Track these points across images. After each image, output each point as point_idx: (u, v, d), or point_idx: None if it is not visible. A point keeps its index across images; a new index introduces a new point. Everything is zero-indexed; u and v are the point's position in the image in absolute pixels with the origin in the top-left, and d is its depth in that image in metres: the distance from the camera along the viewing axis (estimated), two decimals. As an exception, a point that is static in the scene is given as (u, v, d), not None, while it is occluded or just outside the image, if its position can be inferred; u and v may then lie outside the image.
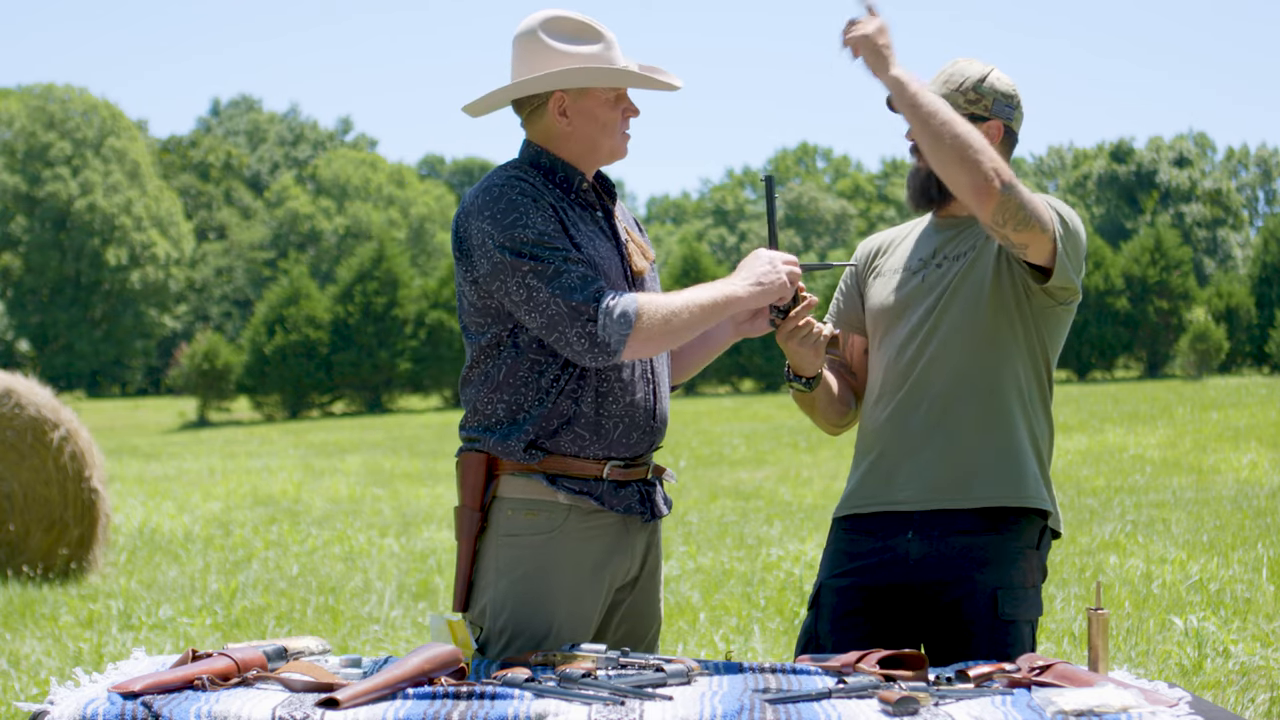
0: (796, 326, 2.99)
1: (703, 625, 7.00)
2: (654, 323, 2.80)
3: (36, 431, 9.26)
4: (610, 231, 3.02)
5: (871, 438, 3.20)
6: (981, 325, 3.08)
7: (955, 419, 3.08)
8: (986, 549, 3.05)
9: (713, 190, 79.38)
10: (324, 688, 2.47)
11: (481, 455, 2.91)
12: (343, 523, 12.41)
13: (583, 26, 2.97)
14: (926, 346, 3.11)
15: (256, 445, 24.43)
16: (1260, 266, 39.54)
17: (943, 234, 3.21)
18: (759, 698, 2.44)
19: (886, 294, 3.21)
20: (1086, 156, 70.29)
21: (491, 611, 2.89)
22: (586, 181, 3.00)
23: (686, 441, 20.41)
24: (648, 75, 2.97)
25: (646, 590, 3.07)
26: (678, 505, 12.91)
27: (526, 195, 2.86)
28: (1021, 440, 3.10)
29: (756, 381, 38.40)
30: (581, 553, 2.90)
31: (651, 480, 3.02)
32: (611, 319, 2.78)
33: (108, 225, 53.45)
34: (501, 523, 2.90)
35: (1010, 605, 3.05)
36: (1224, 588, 7.45)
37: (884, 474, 3.15)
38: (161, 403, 42.95)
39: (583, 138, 2.97)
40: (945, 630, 3.06)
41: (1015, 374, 3.10)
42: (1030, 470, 3.09)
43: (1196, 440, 16.99)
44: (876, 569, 3.12)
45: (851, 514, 3.21)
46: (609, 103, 2.97)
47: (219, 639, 7.04)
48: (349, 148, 71.76)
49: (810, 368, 3.10)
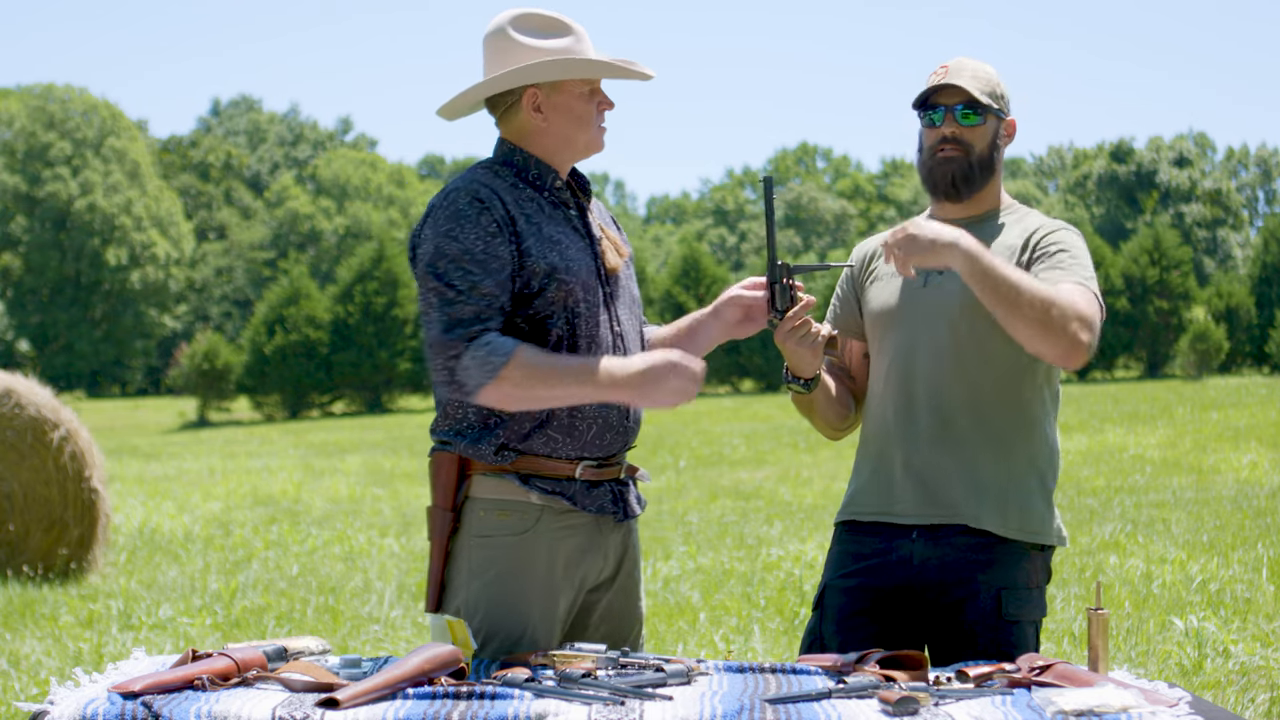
0: (794, 327, 2.99)
1: (703, 625, 7.00)
2: (517, 383, 2.76)
3: (36, 431, 9.26)
4: (584, 229, 3.00)
5: (875, 444, 3.19)
6: (993, 341, 3.06)
7: (963, 436, 3.07)
8: (990, 550, 3.05)
9: (713, 190, 79.38)
10: (324, 688, 2.47)
11: (454, 455, 2.90)
12: (343, 523, 12.41)
13: (552, 21, 2.95)
14: (935, 358, 3.10)
15: (256, 445, 24.43)
16: (1260, 266, 39.55)
17: None
18: (759, 698, 2.44)
19: (888, 298, 3.20)
20: (1086, 156, 70.30)
21: (466, 613, 2.88)
22: (560, 179, 2.98)
23: (686, 441, 20.41)
24: (620, 65, 2.94)
25: (624, 591, 3.06)
26: (677, 505, 12.91)
27: (474, 206, 2.84)
28: (1029, 466, 3.10)
29: (756, 381, 38.39)
30: (554, 553, 2.89)
31: (625, 480, 3.01)
32: (476, 363, 2.76)
33: (108, 225, 53.45)
34: (474, 523, 2.89)
35: (1014, 606, 3.05)
36: (1224, 588, 7.45)
37: (885, 483, 3.14)
38: (161, 403, 42.95)
39: (558, 132, 2.96)
40: (949, 631, 3.06)
41: (1022, 392, 3.10)
42: (1035, 502, 3.09)
43: (1196, 440, 16.99)
44: (880, 570, 3.12)
45: (852, 519, 3.21)
46: (583, 96, 2.95)
47: (219, 639, 7.04)
48: (349, 148, 71.76)
49: (808, 369, 3.10)
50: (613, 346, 2.95)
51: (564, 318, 2.88)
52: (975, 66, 3.18)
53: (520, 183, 2.95)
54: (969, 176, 3.14)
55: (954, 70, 3.17)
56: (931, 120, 3.16)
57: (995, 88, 3.17)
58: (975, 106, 3.13)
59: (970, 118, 3.13)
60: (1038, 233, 3.13)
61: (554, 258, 2.88)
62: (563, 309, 2.87)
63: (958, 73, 3.16)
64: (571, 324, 2.89)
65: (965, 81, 3.13)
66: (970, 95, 3.12)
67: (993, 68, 3.20)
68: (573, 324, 2.89)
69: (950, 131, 3.13)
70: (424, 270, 2.84)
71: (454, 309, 2.79)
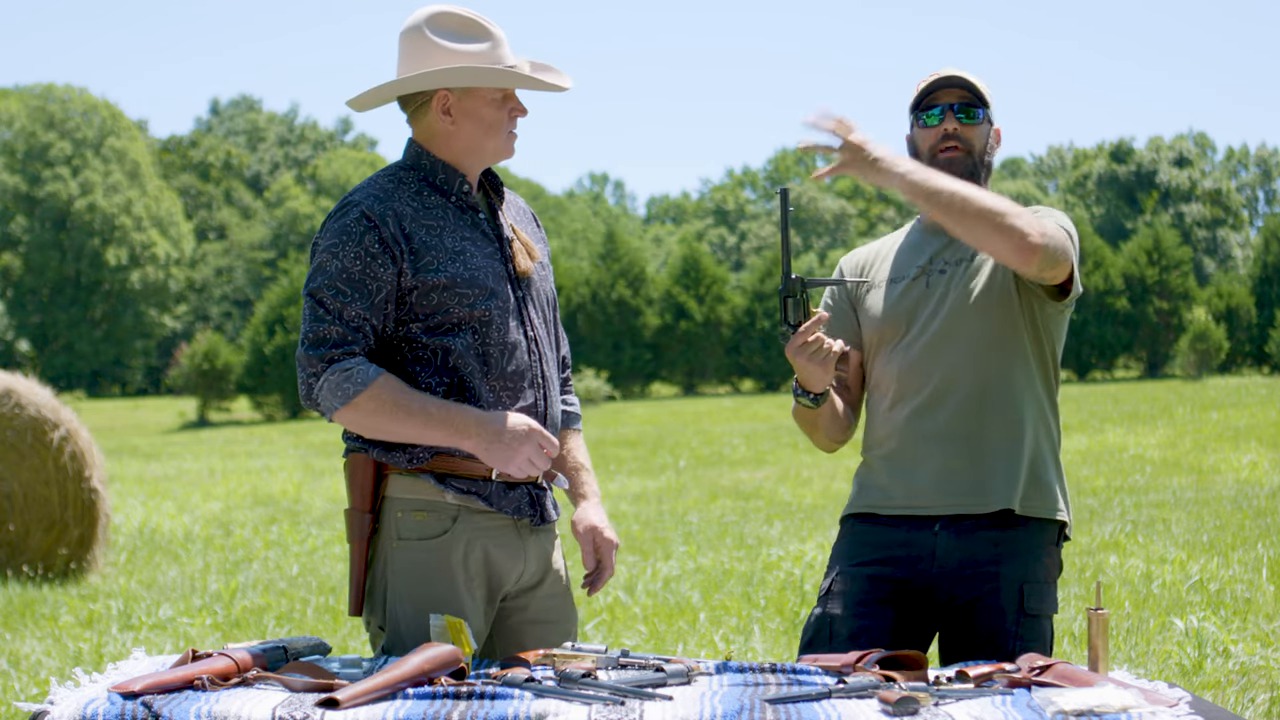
0: (806, 342, 2.98)
1: (703, 625, 7.00)
2: (369, 413, 2.78)
3: (36, 431, 9.26)
4: (493, 233, 2.97)
5: (887, 439, 3.20)
6: (995, 332, 3.11)
7: (976, 425, 3.10)
8: (1012, 543, 3.08)
9: (713, 190, 79.34)
10: (324, 688, 2.47)
11: (369, 457, 2.89)
12: (343, 523, 12.39)
13: (469, 23, 2.91)
14: (943, 353, 3.12)
15: (256, 445, 24.43)
16: (1260, 266, 39.56)
17: (936, 240, 3.23)
18: (759, 698, 2.44)
19: (889, 303, 3.21)
20: (1086, 156, 70.28)
21: (390, 616, 2.88)
22: (468, 183, 2.96)
23: (686, 441, 20.41)
24: (533, 76, 2.90)
25: (552, 597, 3.05)
26: (677, 505, 12.92)
27: (361, 224, 2.82)
28: (1041, 448, 3.13)
29: (756, 381, 38.40)
30: (471, 554, 2.89)
31: (542, 485, 3.00)
32: (331, 387, 2.78)
33: (108, 225, 53.45)
34: (392, 525, 2.89)
35: (1036, 600, 3.08)
36: (1224, 588, 7.45)
37: (903, 475, 3.15)
38: (161, 403, 42.95)
39: (466, 137, 2.92)
40: (971, 625, 3.07)
41: (1030, 379, 3.14)
42: (1051, 480, 3.13)
43: (1196, 440, 17.00)
44: (901, 561, 3.12)
45: (868, 511, 3.21)
46: (494, 102, 2.91)
47: (219, 639, 7.04)
48: (349, 148, 71.77)
49: (819, 383, 3.09)
50: (527, 350, 2.94)
51: (471, 328, 2.86)
52: (964, 72, 3.19)
53: (426, 188, 2.93)
54: (974, 175, 3.14)
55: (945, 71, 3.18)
56: (928, 120, 3.16)
57: (986, 92, 3.18)
58: (973, 104, 3.14)
59: (970, 114, 3.14)
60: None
61: (455, 269, 2.85)
62: (469, 320, 2.85)
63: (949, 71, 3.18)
64: (481, 333, 2.87)
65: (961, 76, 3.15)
66: (968, 90, 3.13)
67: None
68: (482, 333, 2.87)
69: (951, 128, 3.14)
70: (306, 287, 2.85)
71: (321, 327, 2.80)
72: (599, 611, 7.39)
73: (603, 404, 32.73)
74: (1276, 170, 71.32)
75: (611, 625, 7.06)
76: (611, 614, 7.35)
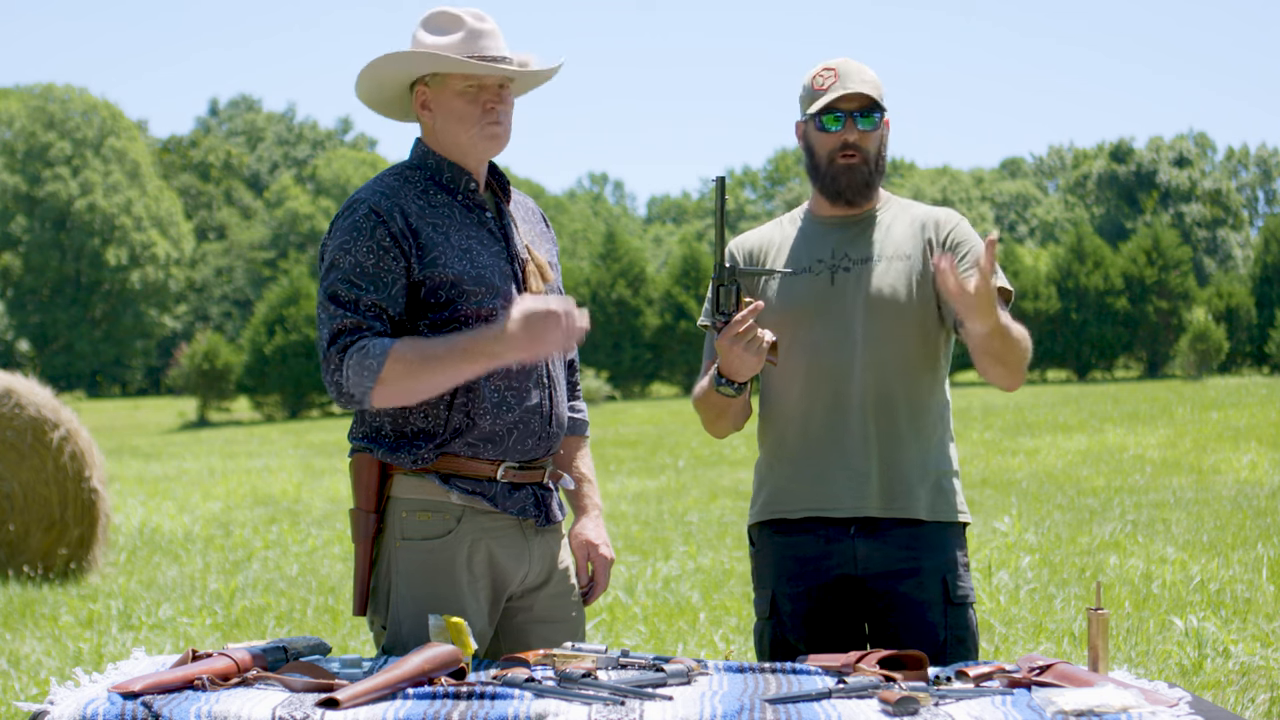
0: (739, 332, 2.98)
1: (703, 625, 7.00)
2: (399, 378, 2.73)
3: (36, 431, 9.26)
4: (499, 233, 2.96)
5: (794, 439, 3.21)
6: (908, 340, 3.16)
7: (888, 432, 3.14)
8: (927, 540, 3.15)
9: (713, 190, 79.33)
10: (324, 688, 2.47)
11: (374, 457, 2.89)
12: (343, 523, 12.40)
13: (451, 17, 2.89)
14: (856, 355, 3.14)
15: (256, 445, 24.42)
16: (1260, 266, 39.57)
17: (836, 233, 3.24)
18: (759, 698, 2.44)
19: (798, 296, 3.19)
20: (1086, 156, 70.28)
21: (393, 616, 2.88)
22: (474, 182, 2.95)
23: (686, 441, 20.41)
24: (469, 60, 2.84)
25: (558, 598, 3.05)
26: (677, 505, 12.91)
27: (370, 220, 2.82)
28: (948, 456, 3.22)
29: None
30: (476, 555, 2.89)
31: (547, 485, 3.00)
32: (355, 370, 2.75)
33: (108, 225, 53.46)
34: (397, 525, 2.88)
35: (960, 588, 3.16)
36: (1224, 588, 7.45)
37: (811, 478, 3.17)
38: (161, 403, 42.95)
39: (445, 131, 2.92)
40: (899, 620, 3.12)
41: (936, 385, 3.22)
42: (954, 483, 3.22)
43: (1196, 440, 16.99)
44: (824, 570, 3.16)
45: (777, 518, 3.22)
46: (462, 94, 2.89)
47: (219, 639, 7.04)
48: (349, 148, 71.74)
49: (748, 373, 3.08)
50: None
51: (479, 325, 2.83)
52: (861, 69, 3.21)
53: (433, 186, 2.92)
54: (869, 182, 3.21)
55: (844, 74, 3.18)
56: (829, 124, 3.17)
57: (880, 89, 3.21)
58: (873, 111, 3.18)
59: (869, 121, 3.17)
60: (938, 228, 3.21)
61: (462, 266, 2.85)
62: (475, 317, 2.84)
63: (850, 76, 3.18)
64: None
65: (864, 87, 3.16)
66: (869, 100, 3.17)
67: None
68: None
69: (852, 139, 3.18)
70: (321, 284, 2.85)
71: (337, 322, 2.79)
72: (599, 611, 7.39)
73: (603, 404, 32.74)
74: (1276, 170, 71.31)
75: (611, 625, 7.06)
76: (611, 614, 7.35)
